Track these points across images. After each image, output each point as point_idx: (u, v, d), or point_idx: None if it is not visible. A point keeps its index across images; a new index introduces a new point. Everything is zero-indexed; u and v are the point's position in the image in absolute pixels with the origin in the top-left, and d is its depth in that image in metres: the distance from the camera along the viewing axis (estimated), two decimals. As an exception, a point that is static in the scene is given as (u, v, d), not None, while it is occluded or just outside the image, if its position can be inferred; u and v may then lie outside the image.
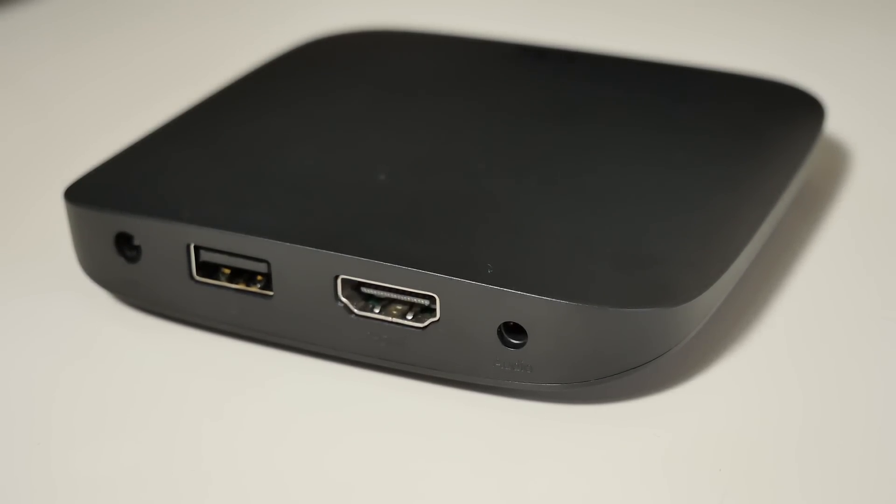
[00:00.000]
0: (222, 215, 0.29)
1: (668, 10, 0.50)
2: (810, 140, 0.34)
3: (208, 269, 0.30)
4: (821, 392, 0.29)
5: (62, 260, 0.33)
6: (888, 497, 0.26)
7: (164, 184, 0.31)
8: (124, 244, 0.30)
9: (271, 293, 0.29)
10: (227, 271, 0.30)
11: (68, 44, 0.48)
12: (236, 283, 0.30)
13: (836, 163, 0.38)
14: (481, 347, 0.27)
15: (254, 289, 0.29)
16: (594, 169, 0.31)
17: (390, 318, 0.28)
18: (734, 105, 0.35)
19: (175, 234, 0.29)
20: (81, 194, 0.31)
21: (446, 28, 0.42)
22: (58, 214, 0.33)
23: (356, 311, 0.28)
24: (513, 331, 0.27)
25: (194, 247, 0.29)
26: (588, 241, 0.28)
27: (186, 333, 0.31)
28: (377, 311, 0.28)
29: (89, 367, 0.30)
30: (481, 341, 0.27)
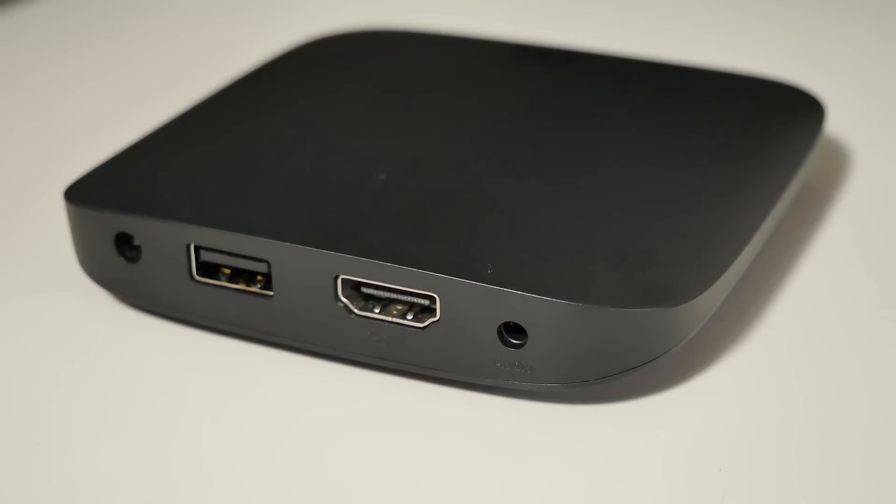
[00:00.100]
0: (222, 215, 0.29)
1: (668, 10, 0.50)
2: (810, 140, 0.34)
3: (208, 269, 0.30)
4: (821, 392, 0.29)
5: (62, 260, 0.33)
6: (888, 497, 0.26)
7: (164, 184, 0.31)
8: (124, 244, 0.30)
9: (271, 293, 0.29)
10: (228, 271, 0.30)
11: (68, 44, 0.48)
12: (236, 283, 0.30)
13: (836, 163, 0.38)
14: (481, 347, 0.27)
15: (254, 289, 0.29)
16: (594, 169, 0.31)
17: (390, 318, 0.28)
18: (734, 105, 0.35)
19: (175, 234, 0.29)
20: (81, 194, 0.31)
21: (446, 28, 0.42)
22: (58, 214, 0.33)
23: (356, 311, 0.28)
24: (513, 331, 0.27)
25: (194, 247, 0.29)
26: (588, 241, 0.28)
27: (186, 333, 0.31)
28: (377, 311, 0.28)
29: (89, 367, 0.30)
30: (481, 341, 0.27)
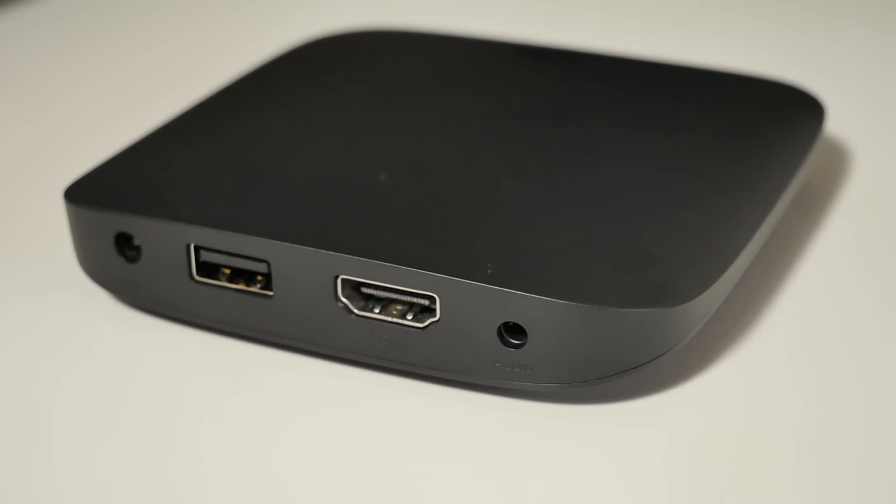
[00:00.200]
0: (222, 215, 0.29)
1: (668, 10, 0.50)
2: (810, 140, 0.34)
3: (208, 269, 0.30)
4: (821, 392, 0.29)
5: (62, 260, 0.33)
6: (888, 497, 0.26)
7: (164, 184, 0.31)
8: (124, 244, 0.30)
9: (271, 293, 0.29)
10: (227, 271, 0.30)
11: (68, 44, 0.48)
12: (236, 283, 0.30)
13: (836, 163, 0.38)
14: (481, 347, 0.27)
15: (254, 289, 0.29)
16: (594, 169, 0.31)
17: (390, 318, 0.28)
18: (734, 105, 0.35)
19: (175, 234, 0.29)
20: (81, 194, 0.31)
21: (446, 28, 0.42)
22: (58, 214, 0.33)
23: (356, 311, 0.28)
24: (513, 331, 0.27)
25: (194, 247, 0.29)
26: (588, 242, 0.28)
27: (186, 333, 0.31)
28: (377, 311, 0.28)
29: (89, 367, 0.30)
30: (481, 341, 0.27)
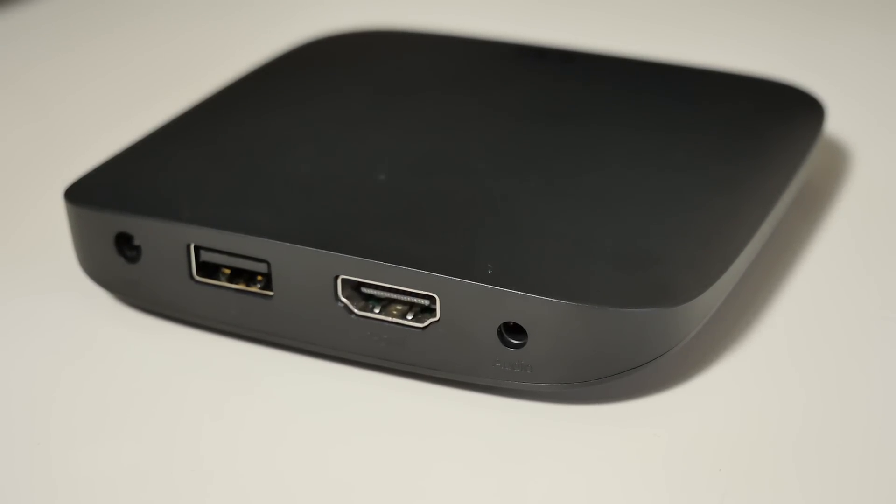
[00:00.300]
0: (222, 215, 0.29)
1: (668, 10, 0.50)
2: (810, 140, 0.34)
3: (208, 269, 0.30)
4: (821, 392, 0.29)
5: (62, 260, 0.33)
6: (888, 497, 0.26)
7: (164, 184, 0.31)
8: (124, 244, 0.30)
9: (271, 293, 0.29)
10: (227, 271, 0.30)
11: (68, 44, 0.48)
12: (236, 283, 0.30)
13: (836, 163, 0.38)
14: (481, 347, 0.27)
15: (254, 289, 0.29)
16: (594, 169, 0.31)
17: (390, 318, 0.28)
18: (734, 105, 0.35)
19: (175, 234, 0.29)
20: (81, 194, 0.31)
21: (446, 28, 0.42)
22: (58, 214, 0.33)
23: (356, 311, 0.28)
24: (513, 331, 0.27)
25: (194, 247, 0.29)
26: (588, 242, 0.28)
27: (186, 333, 0.31)
28: (377, 311, 0.28)
29: (89, 367, 0.30)
30: (481, 341, 0.27)
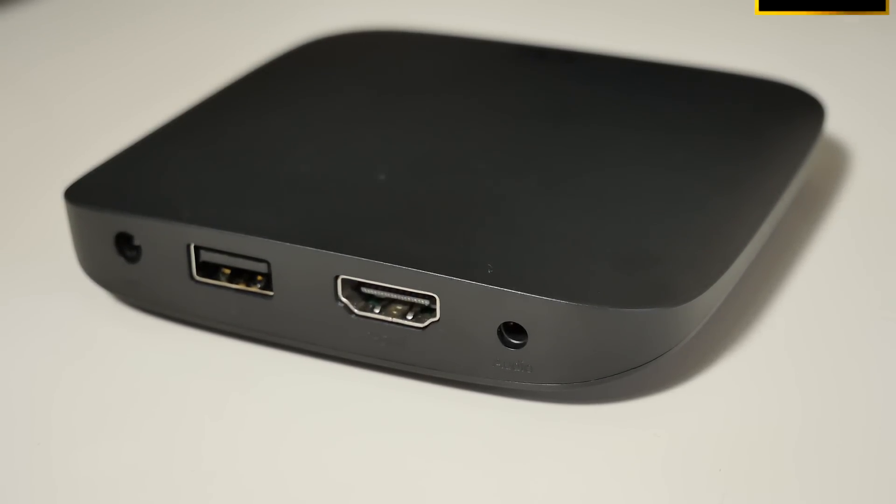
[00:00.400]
0: (222, 215, 0.29)
1: (669, 11, 0.50)
2: (810, 140, 0.34)
3: (208, 269, 0.30)
4: (820, 392, 0.29)
5: (62, 260, 0.33)
6: (888, 497, 0.26)
7: (164, 184, 0.31)
8: (124, 244, 0.30)
9: (271, 293, 0.29)
10: (228, 271, 0.30)
11: (68, 44, 0.48)
12: (236, 283, 0.30)
13: (836, 163, 0.38)
14: (481, 347, 0.27)
15: (254, 289, 0.29)
16: (594, 169, 0.31)
17: (390, 318, 0.28)
18: (734, 105, 0.35)
19: (175, 234, 0.29)
20: (81, 194, 0.31)
21: (446, 28, 0.42)
22: (58, 214, 0.33)
23: (356, 311, 0.28)
24: (513, 331, 0.27)
25: (194, 247, 0.29)
26: (588, 242, 0.28)
27: (186, 333, 0.31)
28: (377, 311, 0.28)
29: (89, 367, 0.30)
30: (481, 341, 0.27)
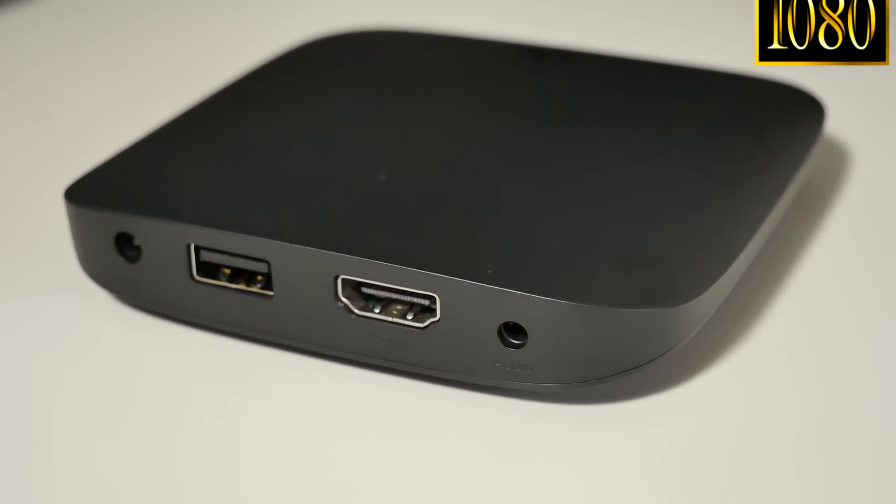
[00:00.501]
0: (222, 215, 0.29)
1: (669, 11, 0.50)
2: (810, 140, 0.34)
3: (208, 269, 0.30)
4: (820, 392, 0.29)
5: (62, 260, 0.33)
6: (888, 497, 0.26)
7: (164, 184, 0.31)
8: (124, 244, 0.30)
9: (271, 293, 0.29)
10: (228, 271, 0.30)
11: (68, 44, 0.48)
12: (236, 283, 0.30)
13: (836, 163, 0.38)
14: (481, 347, 0.27)
15: (254, 289, 0.29)
16: (594, 169, 0.31)
17: (390, 318, 0.28)
18: (734, 105, 0.35)
19: (175, 234, 0.29)
20: (81, 194, 0.31)
21: (446, 28, 0.42)
22: (58, 214, 0.33)
23: (356, 311, 0.28)
24: (513, 331, 0.27)
25: (194, 247, 0.29)
26: (588, 242, 0.28)
27: (186, 333, 0.31)
28: (377, 311, 0.28)
29: (89, 367, 0.30)
30: (481, 341, 0.27)
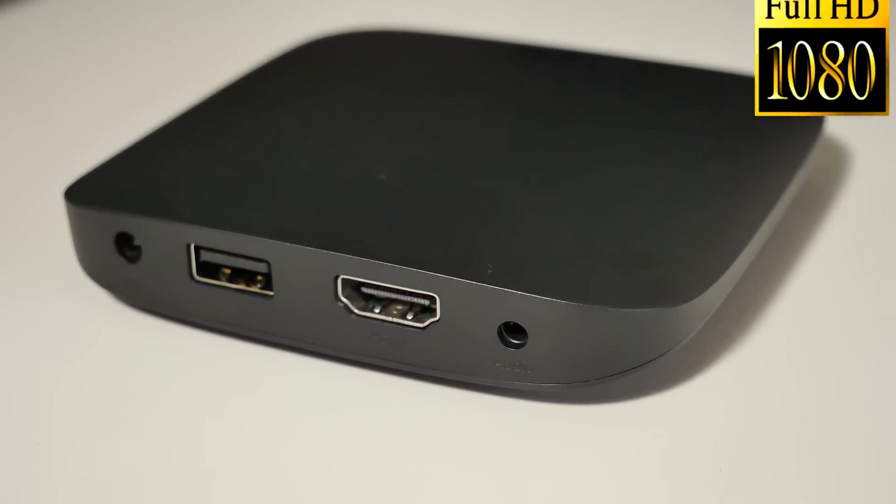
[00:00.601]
0: (222, 215, 0.29)
1: (668, 10, 0.50)
2: (810, 140, 0.34)
3: (208, 269, 0.30)
4: (820, 392, 0.29)
5: (62, 260, 0.33)
6: (888, 497, 0.26)
7: (164, 184, 0.31)
8: (124, 244, 0.30)
9: (271, 293, 0.29)
10: (228, 271, 0.30)
11: (68, 44, 0.48)
12: (236, 283, 0.30)
13: (836, 163, 0.38)
14: (481, 347, 0.27)
15: (254, 289, 0.29)
16: (594, 169, 0.31)
17: (390, 318, 0.28)
18: (734, 105, 0.35)
19: (175, 234, 0.29)
20: (81, 194, 0.31)
21: (446, 28, 0.42)
22: (58, 215, 0.33)
23: (356, 311, 0.28)
24: (513, 331, 0.27)
25: (194, 247, 0.29)
26: (588, 242, 0.28)
27: (186, 333, 0.31)
28: (377, 311, 0.28)
29: (90, 367, 0.30)
30: (481, 341, 0.27)
